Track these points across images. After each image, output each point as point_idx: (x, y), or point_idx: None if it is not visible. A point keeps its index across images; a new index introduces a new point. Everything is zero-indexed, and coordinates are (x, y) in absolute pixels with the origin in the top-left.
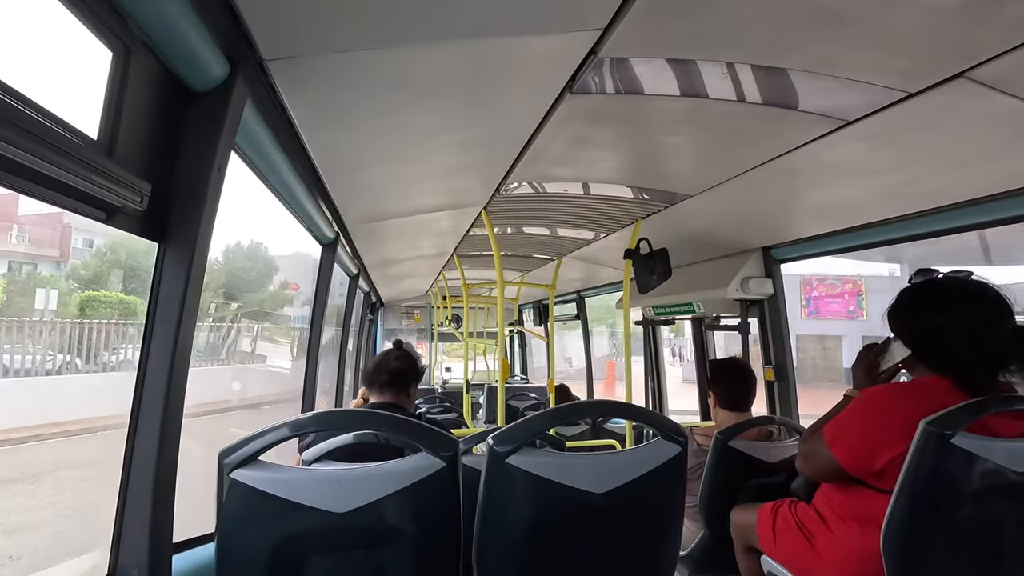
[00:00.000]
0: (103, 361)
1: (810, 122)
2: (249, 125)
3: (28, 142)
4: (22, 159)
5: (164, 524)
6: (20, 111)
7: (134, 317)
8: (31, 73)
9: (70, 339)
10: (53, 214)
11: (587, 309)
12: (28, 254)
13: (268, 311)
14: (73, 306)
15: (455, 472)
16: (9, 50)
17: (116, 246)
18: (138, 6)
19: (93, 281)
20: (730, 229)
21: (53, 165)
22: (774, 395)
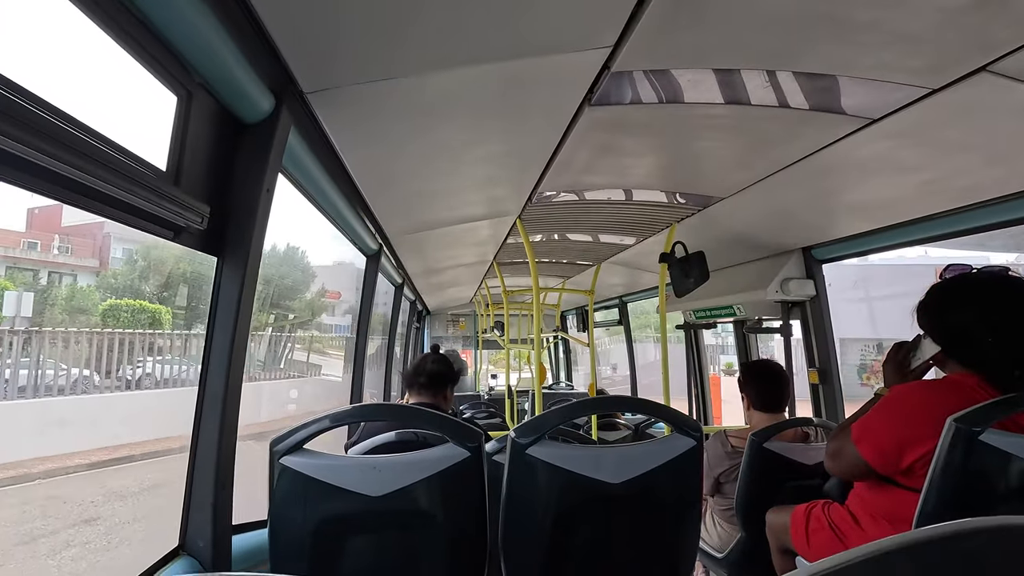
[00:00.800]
0: (125, 376)
1: (834, 122)
2: (294, 150)
3: (112, 176)
4: (108, 190)
5: (224, 505)
6: (107, 152)
7: (159, 327)
8: (113, 118)
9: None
10: (94, 223)
11: (638, 315)
12: (68, 264)
13: (318, 321)
14: (98, 315)
15: (479, 461)
16: (96, 101)
17: (148, 251)
18: (197, 55)
19: (124, 290)
20: (767, 230)
21: (131, 194)
22: (819, 398)
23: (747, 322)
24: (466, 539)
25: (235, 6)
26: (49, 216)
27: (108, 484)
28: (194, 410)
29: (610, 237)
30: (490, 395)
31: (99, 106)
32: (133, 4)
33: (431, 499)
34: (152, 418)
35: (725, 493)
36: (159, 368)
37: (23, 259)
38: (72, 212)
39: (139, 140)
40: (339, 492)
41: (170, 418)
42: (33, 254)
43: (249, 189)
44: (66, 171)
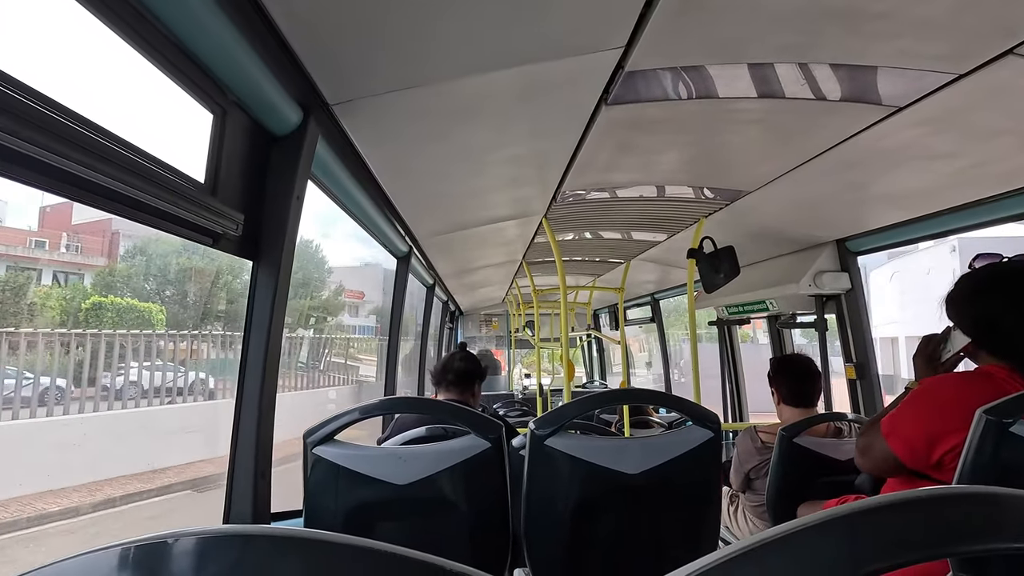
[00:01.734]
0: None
1: (859, 111)
2: (322, 159)
3: (158, 189)
4: (155, 203)
5: (263, 493)
6: (153, 168)
7: (149, 328)
8: (157, 136)
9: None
10: (103, 220)
11: (680, 312)
12: (76, 263)
13: (338, 321)
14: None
15: (500, 452)
16: (142, 121)
17: (147, 246)
18: (231, 75)
19: (119, 287)
20: (798, 223)
21: (175, 205)
22: (856, 394)
23: (780, 317)
24: (489, 527)
25: (264, 29)
26: (60, 214)
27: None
28: (233, 405)
29: (639, 233)
30: (524, 395)
31: (144, 126)
32: (172, 32)
33: (454, 488)
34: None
35: (756, 489)
36: (149, 376)
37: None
38: (81, 209)
39: (180, 155)
40: (368, 480)
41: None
42: (40, 253)
43: (281, 197)
44: (119, 187)
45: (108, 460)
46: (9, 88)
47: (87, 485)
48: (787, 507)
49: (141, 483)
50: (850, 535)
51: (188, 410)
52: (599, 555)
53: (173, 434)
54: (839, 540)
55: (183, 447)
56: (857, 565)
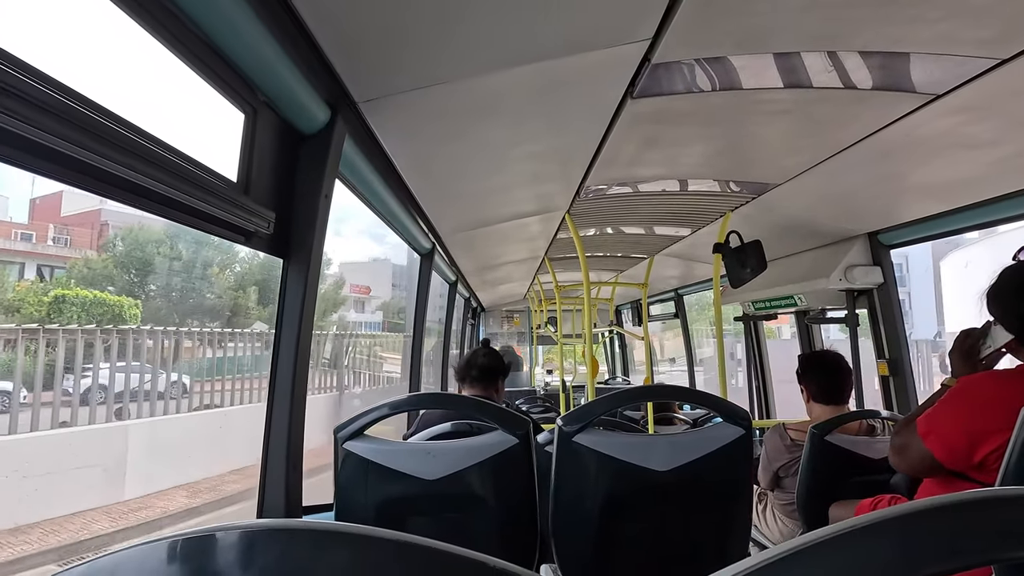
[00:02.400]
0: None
1: (894, 100)
2: (349, 157)
3: (193, 188)
4: (190, 202)
5: (295, 485)
6: (187, 168)
7: (120, 323)
8: (192, 136)
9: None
10: (92, 211)
11: (703, 307)
12: (61, 256)
13: (341, 316)
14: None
15: (528, 448)
16: (176, 122)
17: (128, 234)
18: (261, 75)
19: (97, 280)
20: (828, 216)
21: (209, 204)
22: (889, 391)
23: (809, 312)
24: (517, 523)
25: (294, 28)
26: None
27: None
28: (266, 400)
29: (663, 228)
30: (546, 390)
31: (180, 127)
32: (206, 34)
33: (482, 483)
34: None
35: (785, 487)
36: (120, 379)
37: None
38: (72, 200)
39: (214, 155)
40: (397, 475)
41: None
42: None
43: (310, 195)
44: (157, 187)
45: None
46: (54, 90)
47: None
48: (818, 506)
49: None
50: (903, 537)
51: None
52: (628, 553)
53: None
54: (892, 542)
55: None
56: (911, 568)
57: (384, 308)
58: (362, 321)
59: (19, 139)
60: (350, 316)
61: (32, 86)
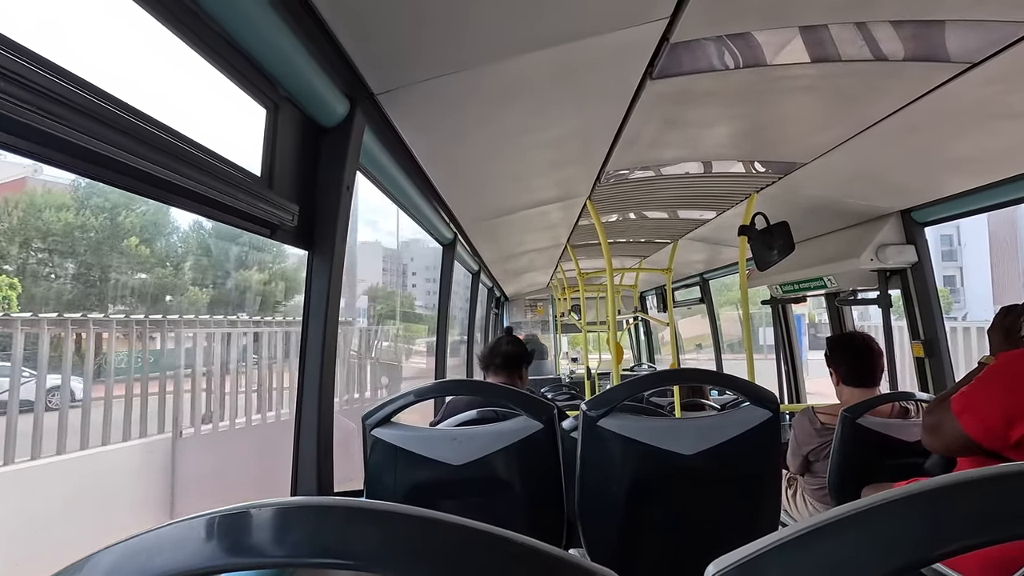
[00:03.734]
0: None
1: (926, 71)
2: (369, 149)
3: (221, 183)
4: (217, 196)
5: (326, 471)
6: (213, 163)
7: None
8: (217, 132)
9: None
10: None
11: (723, 289)
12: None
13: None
14: None
15: (552, 433)
16: (202, 120)
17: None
18: (282, 71)
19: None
20: (858, 194)
21: (235, 199)
22: (925, 372)
23: (839, 294)
24: (544, 507)
25: (312, 22)
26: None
27: None
28: (296, 389)
29: (686, 212)
30: (571, 378)
31: (206, 124)
32: (228, 33)
33: (508, 468)
34: None
35: (815, 472)
36: None
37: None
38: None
39: (238, 150)
40: (425, 461)
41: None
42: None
43: (332, 188)
44: (185, 183)
45: None
46: (87, 93)
47: None
48: (851, 490)
49: None
50: (930, 511)
51: None
52: (655, 536)
53: None
54: (919, 517)
55: None
56: (937, 543)
57: (371, 295)
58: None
59: (59, 141)
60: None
61: (77, 93)
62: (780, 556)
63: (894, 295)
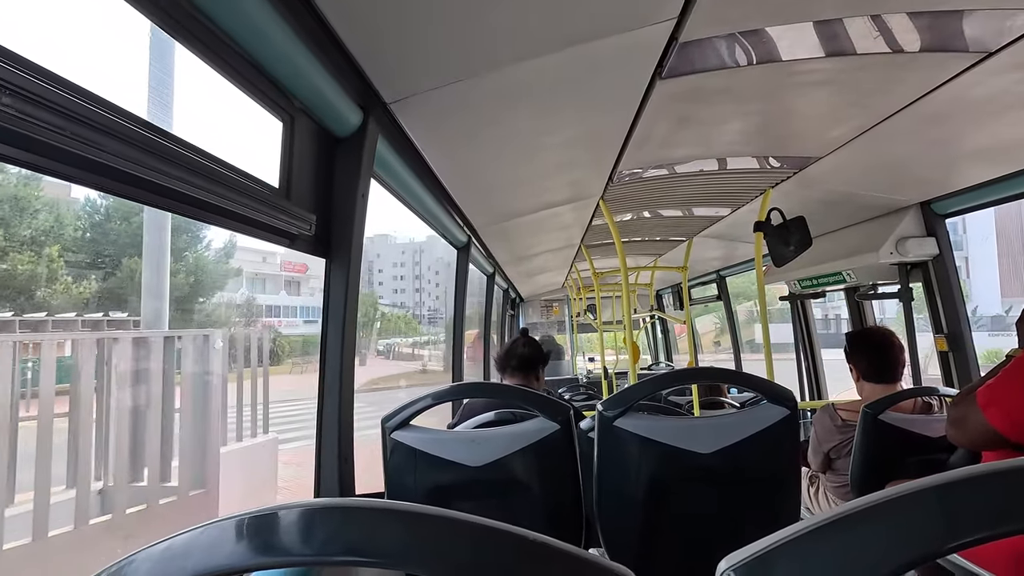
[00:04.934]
0: None
1: (941, 61)
2: (383, 157)
3: (241, 196)
4: (238, 209)
5: (348, 475)
6: (235, 178)
7: None
8: (237, 147)
9: None
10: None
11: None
12: None
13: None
14: None
15: (569, 433)
16: (224, 137)
17: None
18: (297, 84)
19: None
20: (875, 187)
21: (255, 211)
22: (949, 367)
23: (859, 289)
24: (563, 507)
25: (324, 35)
26: None
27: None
28: (317, 394)
29: (701, 209)
30: (588, 379)
31: (225, 139)
32: (244, 49)
33: (526, 469)
34: None
35: (837, 469)
36: None
37: None
38: None
39: (257, 162)
40: (443, 463)
41: None
42: None
43: (347, 196)
44: (207, 197)
45: None
46: (112, 114)
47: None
48: (874, 487)
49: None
50: (945, 503)
51: None
52: (674, 535)
53: None
54: (933, 510)
55: None
56: (952, 535)
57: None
58: (295, 306)
59: (87, 162)
60: (269, 299)
61: (99, 113)
62: (792, 551)
63: (916, 289)
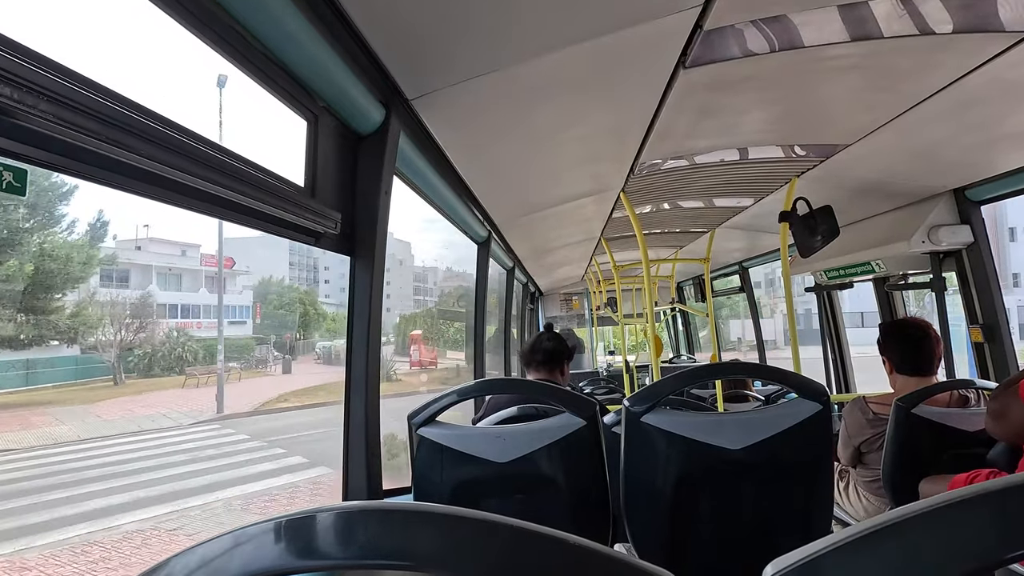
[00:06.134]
0: None
1: (977, 42)
2: (405, 153)
3: (267, 195)
4: (266, 209)
5: (375, 470)
6: (262, 178)
7: None
8: (264, 148)
9: None
10: None
11: None
12: None
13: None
14: None
15: (595, 429)
16: (251, 138)
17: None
18: (321, 83)
19: None
20: (906, 174)
21: (282, 210)
22: (985, 359)
23: (888, 279)
24: (589, 503)
25: (347, 34)
26: None
27: None
28: (343, 392)
29: (723, 200)
30: (608, 372)
31: (253, 141)
32: (271, 50)
33: (552, 465)
34: None
35: (868, 463)
36: None
37: None
38: None
39: (282, 163)
40: (470, 459)
41: None
42: None
43: (370, 194)
44: (237, 198)
45: None
46: (151, 120)
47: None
48: (907, 483)
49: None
50: (1000, 512)
51: None
52: (703, 532)
53: None
54: (988, 518)
55: None
56: (1009, 546)
57: (256, 288)
58: (215, 305)
59: (123, 165)
60: (183, 297)
61: (134, 118)
62: (841, 557)
63: (949, 278)
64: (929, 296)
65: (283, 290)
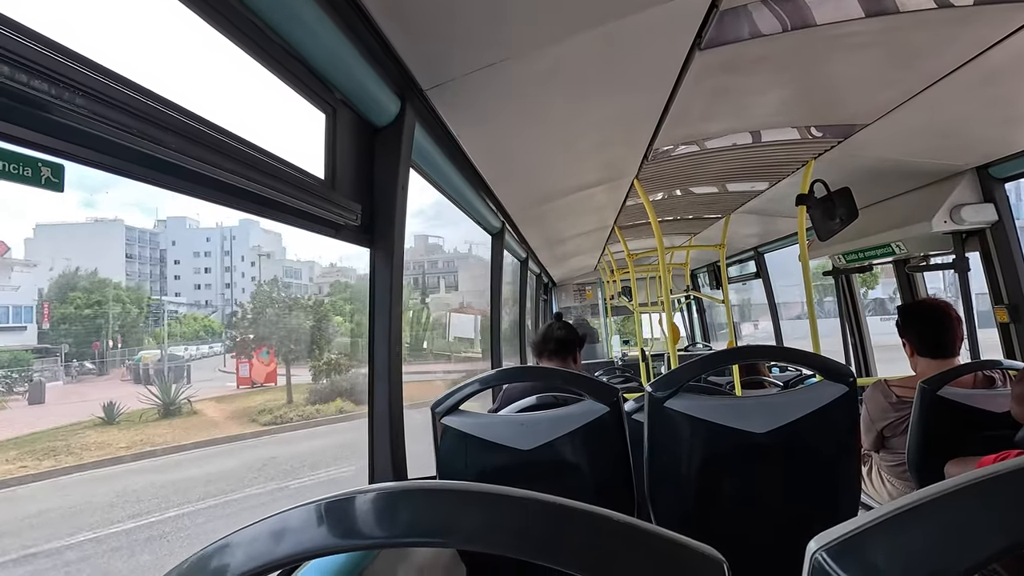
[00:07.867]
0: None
1: (1000, 14)
2: (421, 145)
3: (289, 188)
4: (288, 201)
5: (400, 457)
6: (285, 170)
7: None
8: (285, 141)
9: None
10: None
11: None
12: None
13: None
14: None
15: (618, 415)
16: (273, 132)
17: None
18: (338, 76)
19: None
20: (927, 153)
21: (304, 202)
22: (1011, 339)
23: (909, 261)
24: (613, 489)
25: (364, 27)
26: None
27: None
28: (367, 383)
29: (738, 185)
30: (623, 361)
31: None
32: (289, 43)
33: (576, 452)
34: None
35: (892, 448)
36: None
37: None
38: None
39: (303, 156)
40: (494, 447)
41: None
42: None
43: (388, 186)
44: (261, 190)
45: None
46: (174, 113)
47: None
48: (933, 466)
49: None
50: None
51: None
52: (730, 515)
53: None
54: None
55: None
56: None
57: (63, 285)
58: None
59: (148, 158)
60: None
61: (164, 114)
62: (886, 530)
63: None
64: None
65: (95, 286)
